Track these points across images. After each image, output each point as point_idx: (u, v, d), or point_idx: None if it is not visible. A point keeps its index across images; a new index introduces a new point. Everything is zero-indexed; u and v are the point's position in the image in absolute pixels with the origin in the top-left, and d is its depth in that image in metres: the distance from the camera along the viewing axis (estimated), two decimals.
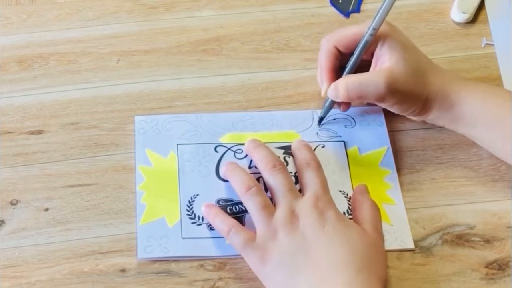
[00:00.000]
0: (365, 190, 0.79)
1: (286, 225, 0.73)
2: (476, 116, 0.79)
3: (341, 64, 0.82)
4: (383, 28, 0.79)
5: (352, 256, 0.71)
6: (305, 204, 0.74)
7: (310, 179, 0.77)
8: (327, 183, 0.77)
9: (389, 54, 0.79)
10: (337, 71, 0.82)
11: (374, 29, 0.79)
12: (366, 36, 0.79)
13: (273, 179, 0.76)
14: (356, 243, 0.72)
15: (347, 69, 0.81)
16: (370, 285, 0.70)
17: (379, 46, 0.80)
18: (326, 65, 0.82)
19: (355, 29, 0.81)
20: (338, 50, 0.82)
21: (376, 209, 0.78)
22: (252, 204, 0.74)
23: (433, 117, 0.81)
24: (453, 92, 0.79)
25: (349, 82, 0.79)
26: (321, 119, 0.84)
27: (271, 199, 0.75)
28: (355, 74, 0.80)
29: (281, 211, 0.74)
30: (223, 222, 0.75)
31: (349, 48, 0.81)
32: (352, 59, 0.81)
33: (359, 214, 0.77)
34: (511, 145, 0.77)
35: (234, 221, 0.75)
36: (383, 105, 0.81)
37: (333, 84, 0.80)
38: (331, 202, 0.75)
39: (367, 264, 0.71)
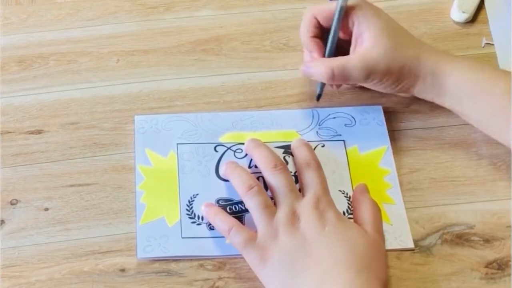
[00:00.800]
0: (365, 190, 0.79)
1: (287, 225, 0.73)
2: (463, 89, 0.78)
3: (321, 38, 0.82)
4: (358, 2, 0.79)
5: (352, 257, 0.71)
6: (306, 205, 0.74)
7: (310, 179, 0.77)
8: (327, 184, 0.77)
9: (367, 33, 0.79)
10: (319, 39, 0.82)
11: None
12: (340, 2, 0.79)
13: (274, 179, 0.76)
14: (356, 244, 0.72)
15: (328, 46, 0.81)
16: (370, 286, 0.70)
17: (356, 24, 0.80)
18: (304, 34, 0.82)
19: (335, 3, 0.81)
20: (317, 20, 0.82)
21: (376, 209, 0.78)
22: (253, 204, 0.74)
23: (419, 90, 0.81)
24: (439, 65, 0.79)
25: (334, 66, 0.79)
26: (319, 96, 0.84)
27: (271, 198, 0.75)
28: (338, 58, 0.80)
29: (282, 212, 0.74)
30: (223, 222, 0.75)
31: (329, 20, 0.81)
32: (331, 32, 0.81)
33: (359, 214, 0.77)
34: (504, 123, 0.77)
35: (235, 220, 0.75)
36: (366, 85, 0.82)
37: (309, 63, 0.81)
38: (331, 203, 0.75)
39: (367, 265, 0.71)
